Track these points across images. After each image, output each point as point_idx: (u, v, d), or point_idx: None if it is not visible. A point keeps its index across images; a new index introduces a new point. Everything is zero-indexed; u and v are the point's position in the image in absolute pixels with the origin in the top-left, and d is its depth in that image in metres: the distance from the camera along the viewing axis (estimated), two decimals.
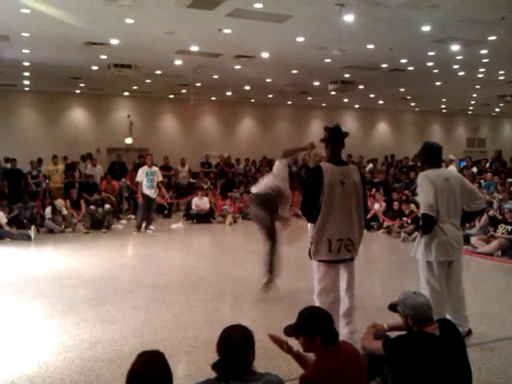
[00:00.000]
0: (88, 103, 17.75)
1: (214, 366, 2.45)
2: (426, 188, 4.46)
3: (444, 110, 23.88)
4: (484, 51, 11.30)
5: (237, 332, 2.53)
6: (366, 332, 3.48)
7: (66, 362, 4.14)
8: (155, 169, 11.84)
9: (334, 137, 4.23)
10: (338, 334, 2.91)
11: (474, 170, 16.26)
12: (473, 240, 9.28)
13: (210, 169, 17.55)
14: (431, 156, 4.65)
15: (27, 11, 8.30)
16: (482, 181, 13.69)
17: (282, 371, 3.64)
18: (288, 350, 3.00)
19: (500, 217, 9.75)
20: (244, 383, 2.38)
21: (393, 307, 3.19)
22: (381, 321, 3.64)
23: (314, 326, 2.81)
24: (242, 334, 2.52)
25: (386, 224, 11.50)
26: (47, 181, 13.33)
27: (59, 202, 11.70)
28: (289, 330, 2.92)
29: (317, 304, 4.11)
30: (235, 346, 2.45)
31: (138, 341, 4.58)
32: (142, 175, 11.47)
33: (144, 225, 11.54)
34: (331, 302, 4.09)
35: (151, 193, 11.47)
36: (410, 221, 10.77)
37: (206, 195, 13.96)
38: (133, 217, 13.34)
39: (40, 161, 14.34)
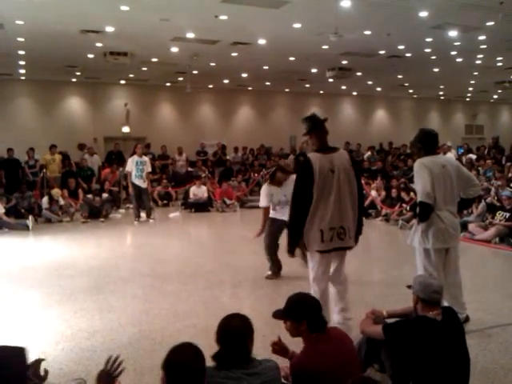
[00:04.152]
0: (84, 92, 17.64)
1: (214, 357, 2.46)
2: (422, 175, 4.44)
3: (442, 97, 23.80)
4: (482, 37, 11.22)
5: (235, 322, 2.54)
6: (365, 317, 3.51)
7: (64, 351, 4.14)
8: (145, 158, 11.62)
9: (315, 125, 4.17)
10: (326, 321, 2.95)
11: (473, 156, 16.24)
12: (471, 227, 9.29)
13: (205, 157, 17.49)
14: (427, 143, 4.61)
15: None
16: (480, 168, 13.68)
17: (279, 358, 3.65)
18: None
19: (498, 203, 9.76)
20: (244, 371, 2.41)
21: (410, 286, 3.31)
22: (379, 308, 3.65)
23: (300, 311, 2.87)
24: (240, 324, 2.54)
25: (384, 211, 11.50)
26: (44, 170, 13.27)
27: (56, 192, 11.66)
28: (277, 314, 2.99)
29: (311, 290, 4.12)
30: (234, 335, 2.47)
31: (136, 330, 4.59)
32: (131, 165, 11.26)
33: (144, 214, 11.48)
34: (324, 289, 4.13)
35: (140, 182, 11.26)
36: (409, 207, 10.77)
37: (204, 184, 13.94)
38: (131, 206, 13.30)
39: (32, 150, 14.19)
